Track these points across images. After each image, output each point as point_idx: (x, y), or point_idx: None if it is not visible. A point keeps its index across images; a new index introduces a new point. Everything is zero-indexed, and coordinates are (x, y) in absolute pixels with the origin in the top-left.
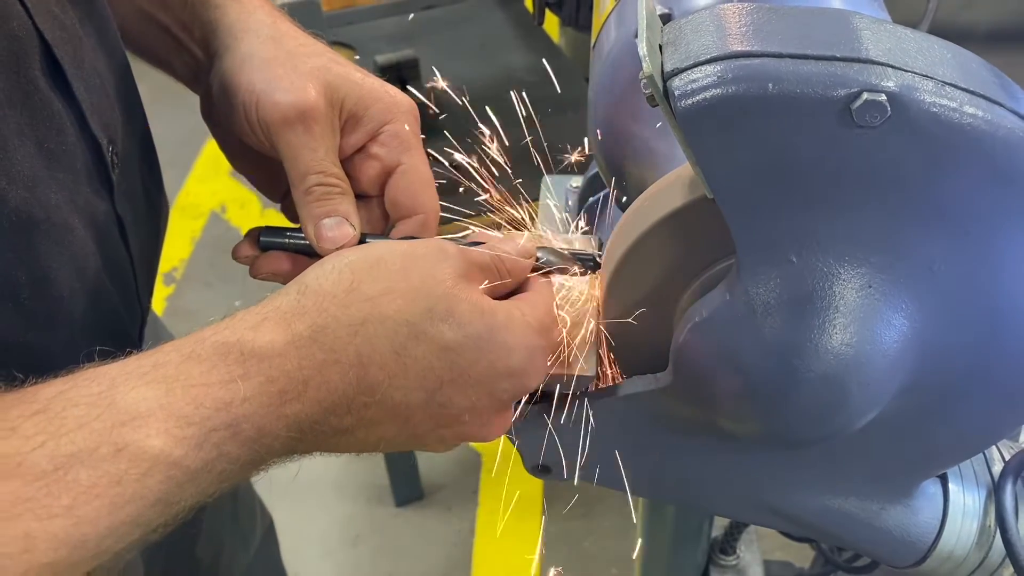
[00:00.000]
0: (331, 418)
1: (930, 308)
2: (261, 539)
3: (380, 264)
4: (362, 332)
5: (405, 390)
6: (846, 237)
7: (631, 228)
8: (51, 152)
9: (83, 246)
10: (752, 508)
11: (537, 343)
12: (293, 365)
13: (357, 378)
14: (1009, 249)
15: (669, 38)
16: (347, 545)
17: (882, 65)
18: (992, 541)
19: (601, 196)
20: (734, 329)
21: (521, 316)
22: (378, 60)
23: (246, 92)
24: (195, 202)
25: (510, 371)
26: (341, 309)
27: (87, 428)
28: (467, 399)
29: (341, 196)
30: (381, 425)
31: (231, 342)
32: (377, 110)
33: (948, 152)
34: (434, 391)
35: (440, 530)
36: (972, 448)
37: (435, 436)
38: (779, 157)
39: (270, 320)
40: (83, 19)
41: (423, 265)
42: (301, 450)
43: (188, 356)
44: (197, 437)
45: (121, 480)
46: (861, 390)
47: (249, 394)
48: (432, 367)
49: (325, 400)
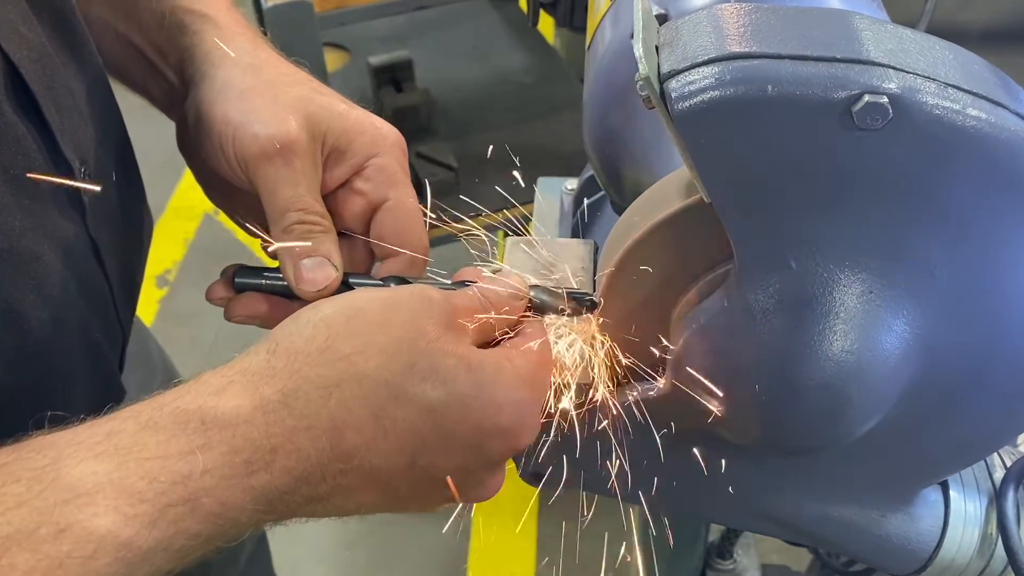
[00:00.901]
0: (303, 487)
1: (931, 313)
2: (252, 551)
3: (357, 317)
4: (337, 394)
5: (385, 455)
6: (846, 242)
7: (627, 233)
8: (16, 178)
9: (51, 274)
10: (750, 516)
11: (528, 397)
12: (260, 433)
13: (331, 444)
14: (1011, 253)
15: (666, 39)
16: (342, 550)
17: (883, 66)
18: (994, 549)
19: (596, 199)
20: (732, 336)
21: (512, 368)
22: (371, 61)
23: (222, 124)
24: (189, 204)
25: (500, 430)
26: (314, 369)
27: (27, 506)
28: (453, 461)
29: (322, 234)
30: (359, 492)
31: (192, 409)
32: (362, 143)
33: (950, 155)
34: (416, 454)
35: (435, 535)
36: (973, 455)
37: (420, 499)
38: (778, 161)
39: (236, 384)
40: (54, 37)
41: (404, 316)
42: (272, 520)
43: (145, 425)
44: (150, 514)
45: (63, 564)
46: (862, 397)
47: (210, 466)
48: (414, 429)
49: (296, 469)
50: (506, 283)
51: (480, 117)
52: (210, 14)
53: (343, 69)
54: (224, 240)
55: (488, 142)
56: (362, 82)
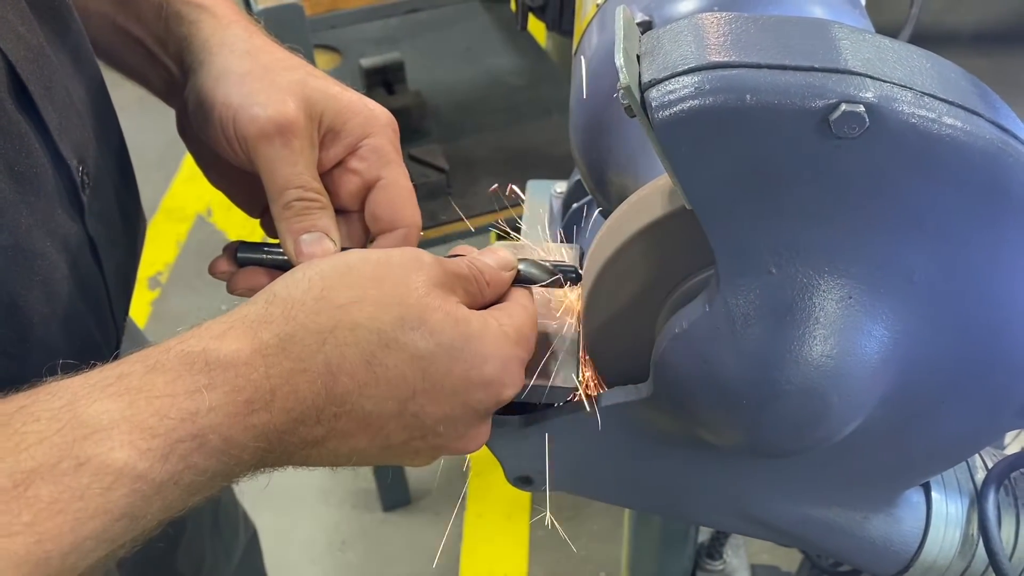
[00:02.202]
0: (300, 428)
1: (910, 318)
2: (244, 549)
3: (352, 271)
4: (331, 340)
5: (376, 400)
6: (825, 248)
7: (610, 239)
8: (21, 175)
9: (54, 270)
10: (734, 518)
11: (513, 353)
12: (260, 374)
13: (326, 387)
14: (988, 259)
15: (647, 48)
16: (334, 551)
17: (861, 75)
18: (975, 550)
19: (585, 203)
20: (714, 340)
21: (498, 326)
22: (363, 63)
23: (223, 107)
24: (181, 205)
25: (484, 381)
26: (310, 317)
27: (47, 442)
28: (441, 409)
29: (320, 211)
30: (353, 436)
31: (196, 351)
32: (356, 124)
33: (927, 163)
34: (406, 401)
35: (427, 535)
36: (954, 457)
37: (409, 448)
38: (757, 168)
39: (236, 329)
40: (53, 37)
41: (397, 273)
42: (272, 462)
43: (152, 367)
44: (162, 449)
45: (84, 495)
46: (842, 401)
47: (215, 404)
48: (404, 376)
49: (294, 410)
50: (496, 255)
51: (471, 119)
52: (206, 4)
53: (334, 71)
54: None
55: (479, 144)
56: (353, 84)
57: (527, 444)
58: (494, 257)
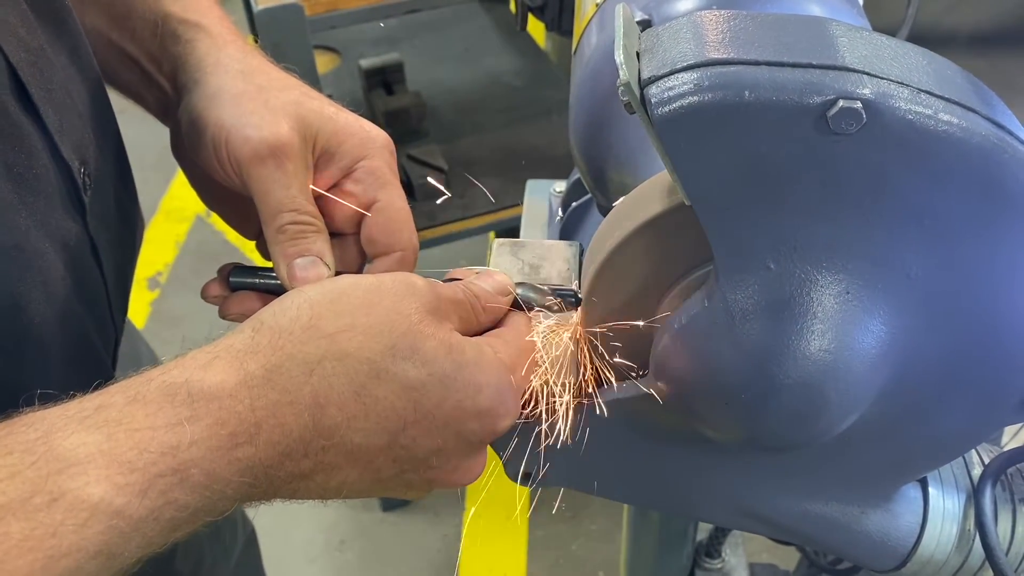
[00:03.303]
0: (287, 462)
1: (908, 314)
2: (242, 549)
3: (341, 299)
4: (319, 371)
5: (365, 432)
6: (823, 244)
7: (610, 235)
8: (21, 177)
9: (54, 271)
10: (733, 513)
11: (508, 381)
12: (245, 406)
13: (314, 420)
14: (985, 255)
15: (647, 45)
16: (332, 550)
17: (858, 72)
18: (972, 545)
19: (583, 201)
20: (713, 335)
21: (493, 353)
22: (362, 64)
23: (215, 128)
24: (180, 206)
25: (479, 411)
26: (297, 347)
27: (20, 477)
28: (433, 441)
29: (315, 235)
30: (342, 469)
31: (179, 383)
32: (351, 145)
33: (923, 159)
34: (397, 433)
35: (426, 535)
36: (951, 452)
37: (401, 482)
38: (756, 164)
39: (221, 359)
40: (53, 40)
41: (388, 300)
42: (257, 496)
43: (133, 398)
44: (141, 484)
45: (57, 532)
46: (839, 396)
47: (197, 437)
48: (394, 408)
49: (280, 443)
50: (492, 280)
51: (471, 120)
52: (203, 23)
53: (334, 72)
54: (215, 242)
55: (479, 144)
56: (353, 85)
57: (527, 440)
58: (490, 281)
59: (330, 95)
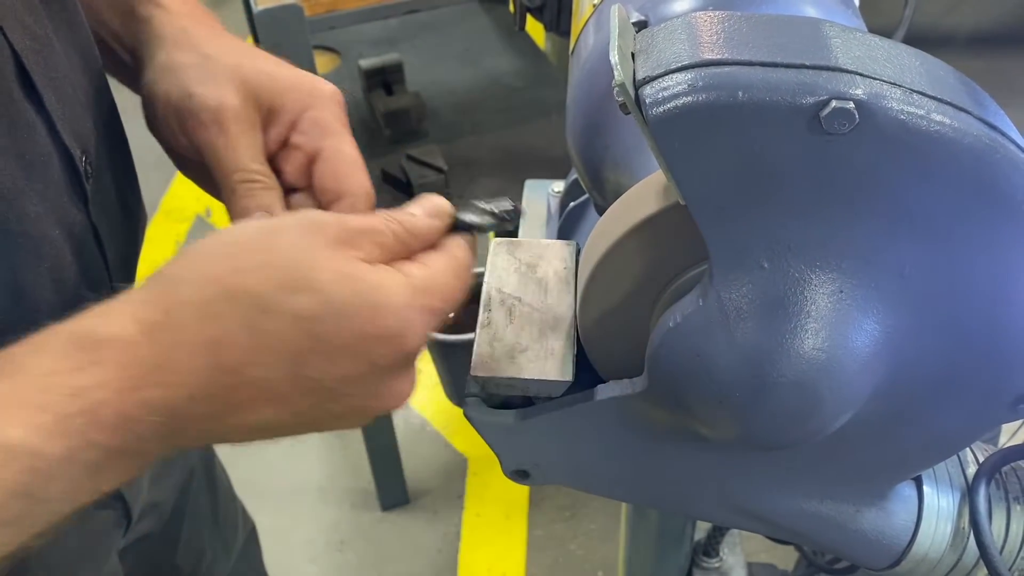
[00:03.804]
0: (194, 404)
1: (901, 312)
2: (243, 545)
3: (235, 243)
4: (210, 312)
5: (265, 367)
6: (816, 243)
7: (605, 235)
8: (29, 163)
9: (62, 257)
10: (729, 511)
11: (414, 302)
12: (145, 351)
13: (213, 360)
14: (978, 255)
15: (641, 46)
16: (332, 550)
17: (851, 73)
18: (966, 543)
19: (581, 201)
20: (707, 334)
21: (403, 277)
22: (362, 64)
23: (164, 101)
24: (180, 206)
25: (381, 335)
26: (190, 292)
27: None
28: (340, 369)
29: (264, 191)
30: (255, 407)
31: (80, 331)
32: (294, 99)
33: (916, 159)
34: (299, 364)
35: (426, 534)
36: (946, 450)
37: (324, 413)
38: (750, 164)
39: (121, 308)
40: (59, 28)
41: (287, 237)
42: (179, 439)
43: (39, 348)
44: (55, 424)
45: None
46: (833, 394)
47: (102, 380)
48: (288, 339)
49: (183, 384)
50: (424, 204)
51: (470, 120)
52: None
53: (333, 72)
54: None
55: (478, 145)
56: (352, 85)
57: (523, 437)
58: (423, 206)
59: None
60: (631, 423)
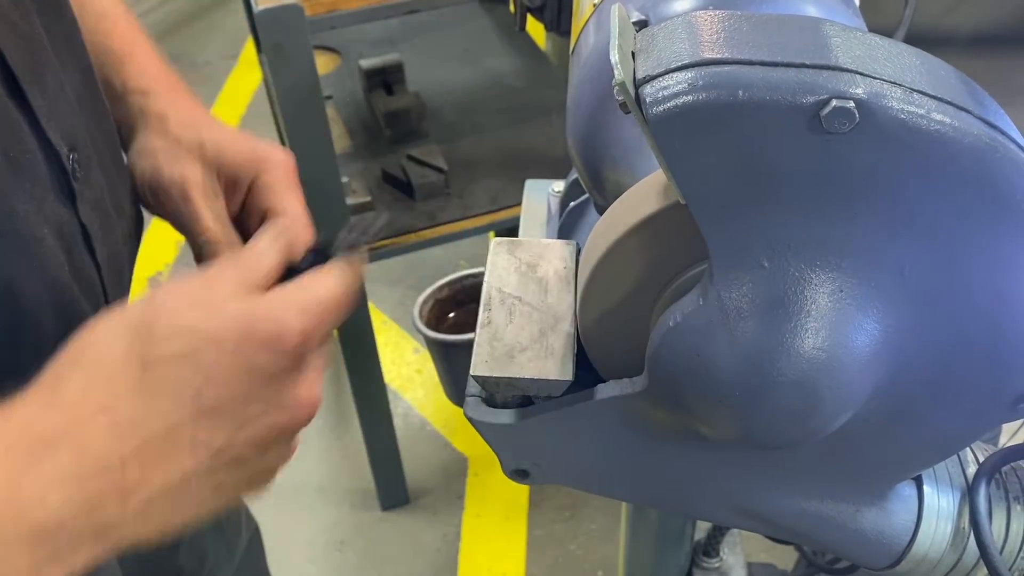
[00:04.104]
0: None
1: (901, 312)
2: (246, 546)
3: (91, 328)
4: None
5: (164, 414)
6: (817, 242)
7: (605, 235)
8: (15, 161)
9: (53, 257)
10: (729, 511)
11: (288, 303)
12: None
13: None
14: (978, 254)
15: (642, 45)
16: (332, 550)
17: (851, 72)
18: (966, 543)
19: (581, 201)
20: (707, 334)
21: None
22: (362, 64)
23: (140, 178)
24: None
25: (259, 340)
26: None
27: None
28: (235, 388)
29: (227, 246)
30: (173, 460)
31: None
32: (248, 168)
33: (916, 158)
34: (196, 399)
35: (426, 534)
36: (946, 450)
37: (245, 446)
38: (750, 163)
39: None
40: (49, 26)
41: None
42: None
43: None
44: None
45: None
46: (833, 393)
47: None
48: (177, 380)
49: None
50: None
51: (470, 120)
52: (149, 88)
53: (334, 72)
54: None
55: (478, 145)
56: (353, 85)
57: (523, 437)
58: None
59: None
60: (631, 423)
